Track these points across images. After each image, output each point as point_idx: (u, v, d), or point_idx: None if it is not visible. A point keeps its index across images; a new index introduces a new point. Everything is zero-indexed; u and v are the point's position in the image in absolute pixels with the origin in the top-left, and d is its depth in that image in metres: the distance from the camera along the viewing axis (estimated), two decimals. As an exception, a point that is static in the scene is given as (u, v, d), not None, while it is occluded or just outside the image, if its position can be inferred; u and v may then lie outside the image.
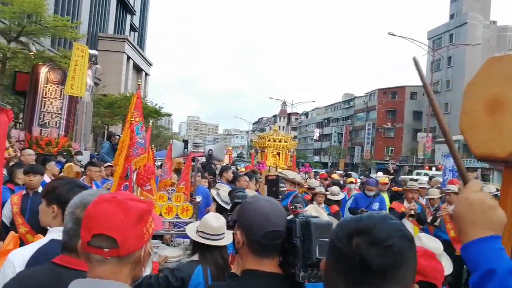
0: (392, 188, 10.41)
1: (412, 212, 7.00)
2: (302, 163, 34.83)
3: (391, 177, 15.60)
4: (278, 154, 20.99)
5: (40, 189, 4.83)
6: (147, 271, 1.81)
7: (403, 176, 24.79)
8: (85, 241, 1.27)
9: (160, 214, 4.68)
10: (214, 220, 2.95)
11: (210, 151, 7.13)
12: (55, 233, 2.09)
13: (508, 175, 1.25)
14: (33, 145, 12.00)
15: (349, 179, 11.91)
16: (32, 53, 15.60)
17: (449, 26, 51.73)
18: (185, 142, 7.33)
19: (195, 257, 2.90)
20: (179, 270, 2.73)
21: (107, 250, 1.25)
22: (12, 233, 3.97)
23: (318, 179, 12.74)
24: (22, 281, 1.61)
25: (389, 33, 33.46)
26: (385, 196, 9.11)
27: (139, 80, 4.58)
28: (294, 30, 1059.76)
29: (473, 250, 1.07)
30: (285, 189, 6.05)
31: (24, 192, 4.84)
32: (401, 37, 34.20)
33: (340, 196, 8.45)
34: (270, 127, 33.10)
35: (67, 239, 1.60)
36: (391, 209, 7.26)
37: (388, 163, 49.42)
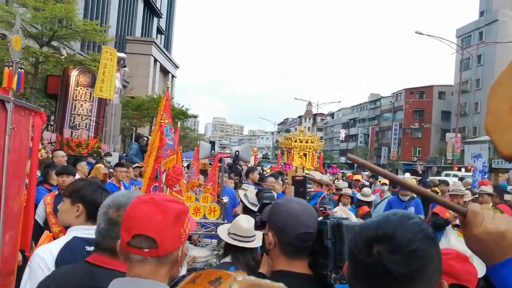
0: None
1: (458, 222, 6.75)
2: (328, 164, 34.41)
3: (419, 178, 15.36)
4: (305, 155, 20.67)
5: None
6: (183, 271, 1.85)
7: (431, 177, 24.32)
8: (125, 241, 1.30)
9: (188, 215, 4.74)
10: (246, 222, 2.97)
11: (237, 152, 7.16)
12: (78, 231, 2.18)
13: None
14: (64, 147, 12.30)
15: (383, 181, 11.35)
16: (63, 57, 16.00)
17: (479, 23, 50.46)
18: (212, 143, 7.39)
19: (228, 259, 2.93)
20: None
21: (147, 250, 1.28)
22: (46, 232, 4.08)
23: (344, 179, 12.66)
24: (58, 279, 1.66)
25: (416, 32, 32.90)
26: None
27: (168, 83, 4.65)
28: (320, 30, 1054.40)
29: (499, 275, 1.02)
30: (312, 190, 6.04)
31: (56, 192, 4.97)
32: (429, 35, 33.59)
33: (372, 198, 8.37)
34: (296, 128, 32.94)
35: (100, 239, 1.64)
36: (434, 214, 6.77)
37: (416, 164, 48.61)
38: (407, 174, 24.49)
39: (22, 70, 3.46)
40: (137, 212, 1.31)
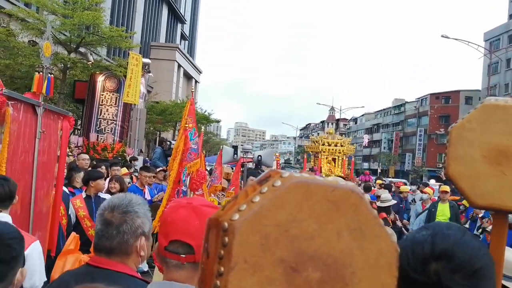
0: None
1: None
2: (362, 171, 32.99)
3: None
4: (334, 160, 19.00)
5: (100, 193, 5.05)
6: None
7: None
8: (162, 246, 1.33)
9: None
10: None
11: (259, 156, 7.20)
12: None
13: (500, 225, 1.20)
14: (90, 150, 12.56)
15: (426, 189, 10.95)
16: (90, 62, 16.34)
17: (508, 26, 49.33)
18: (235, 148, 7.45)
19: None
20: None
21: (184, 256, 1.30)
22: (73, 234, 4.16)
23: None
24: (64, 280, 1.70)
25: (442, 36, 32.36)
26: (446, 207, 8.51)
27: (192, 88, 4.72)
28: (344, 34, 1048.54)
29: None
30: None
31: (84, 195, 5.04)
32: (456, 39, 32.98)
33: (390, 203, 8.26)
34: (318, 133, 32.46)
35: (97, 240, 1.65)
36: None
37: (441, 170, 47.64)
38: (432, 181, 23.88)
39: (52, 75, 3.56)
40: (175, 217, 1.32)
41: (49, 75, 3.53)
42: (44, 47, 3.56)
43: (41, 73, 3.48)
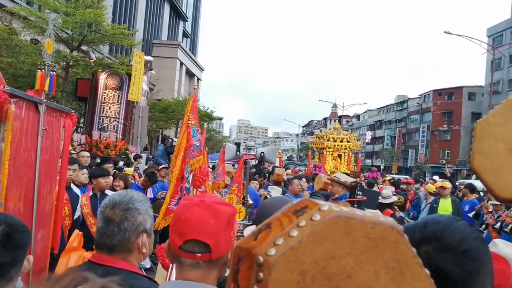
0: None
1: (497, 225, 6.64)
2: (366, 167, 32.30)
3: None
4: (340, 156, 18.17)
5: (107, 190, 5.06)
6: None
7: (461, 180, 23.73)
8: (176, 245, 1.31)
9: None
10: None
11: (262, 153, 7.19)
12: None
13: None
14: (93, 148, 12.59)
15: (427, 186, 10.85)
16: (92, 60, 16.35)
17: (511, 22, 49.15)
18: (237, 144, 7.43)
19: None
20: None
21: (199, 255, 1.28)
22: (76, 231, 4.16)
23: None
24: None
25: (445, 32, 32.21)
26: (448, 202, 8.59)
27: (195, 84, 4.72)
28: (346, 30, 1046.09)
29: None
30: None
31: (91, 193, 5.07)
32: (458, 35, 32.83)
33: (392, 199, 8.26)
34: (320, 130, 32.30)
35: (98, 237, 1.65)
36: None
37: (445, 166, 47.52)
38: (436, 177, 23.72)
39: (54, 73, 3.55)
40: (189, 216, 1.31)
41: (52, 72, 3.53)
42: (46, 45, 3.55)
43: (43, 70, 3.47)
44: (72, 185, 4.95)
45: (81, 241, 4.11)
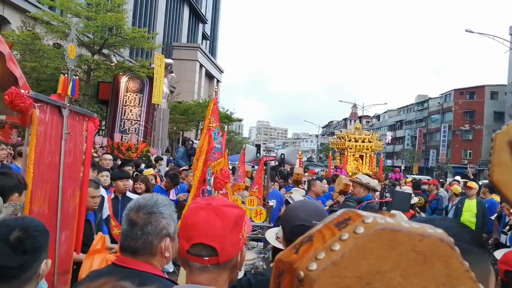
0: None
1: None
2: (387, 168, 31.65)
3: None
4: (361, 157, 17.77)
5: (128, 192, 5.11)
6: (241, 273, 1.87)
7: (483, 181, 23.22)
8: (184, 249, 1.31)
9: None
10: None
11: (282, 155, 7.17)
12: None
13: None
14: (114, 151, 12.74)
15: (453, 187, 10.55)
16: (113, 64, 16.57)
17: (535, 19, 47.93)
18: (258, 146, 7.43)
19: None
20: (261, 274, 2.77)
21: (207, 258, 1.28)
22: (100, 233, 4.14)
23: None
24: (91, 279, 1.72)
25: (466, 30, 31.62)
26: (473, 203, 8.45)
27: (216, 87, 4.71)
28: (366, 29, 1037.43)
29: None
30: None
31: (112, 195, 5.12)
32: (480, 33, 32.18)
33: (414, 200, 8.15)
34: (340, 131, 32.00)
35: (123, 240, 1.67)
36: None
37: (466, 166, 46.60)
38: (458, 177, 23.26)
39: (77, 77, 3.60)
40: (196, 219, 1.31)
41: (74, 77, 3.57)
42: (69, 49, 3.59)
43: (66, 75, 3.52)
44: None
45: (105, 243, 4.15)
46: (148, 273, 1.58)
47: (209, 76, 44.79)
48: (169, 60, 16.96)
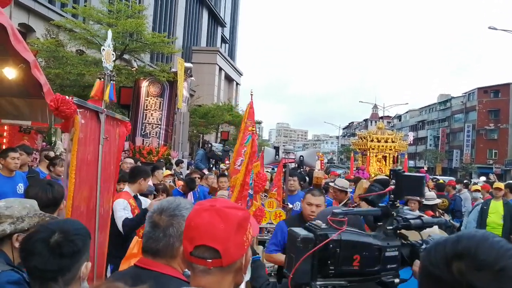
0: None
1: None
2: (416, 169, 30.83)
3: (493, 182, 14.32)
4: (384, 157, 17.29)
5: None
6: (247, 277, 1.88)
7: (510, 181, 22.61)
8: (187, 251, 1.29)
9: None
10: None
11: (301, 157, 7.18)
12: None
13: None
14: (136, 154, 12.92)
15: (474, 187, 10.54)
16: (134, 68, 16.81)
17: (561, 15, 46.69)
18: (276, 148, 7.43)
19: None
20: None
21: (210, 260, 1.26)
22: (136, 238, 4.20)
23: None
24: (115, 279, 1.77)
25: (489, 28, 30.99)
26: (499, 204, 8.17)
27: (252, 90, 4.68)
28: (386, 28, 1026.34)
29: None
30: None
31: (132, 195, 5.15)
32: (504, 30, 31.51)
33: (435, 201, 8.03)
34: (362, 132, 31.61)
35: (145, 241, 1.70)
36: None
37: (492, 166, 45.55)
38: (482, 178, 22.66)
39: (114, 82, 3.65)
40: (199, 221, 1.29)
41: (112, 82, 3.62)
42: (106, 55, 3.66)
43: (102, 79, 3.57)
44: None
45: (141, 247, 4.20)
46: (168, 275, 1.60)
47: (228, 79, 45.00)
48: (188, 64, 17.13)
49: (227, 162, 17.86)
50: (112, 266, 4.32)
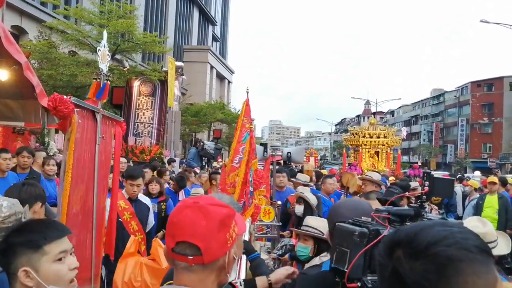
0: None
1: None
2: (409, 164, 30.71)
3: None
4: (377, 153, 16.95)
5: (140, 195, 5.06)
6: (232, 276, 1.91)
7: (505, 175, 22.77)
8: (169, 247, 1.29)
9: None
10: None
11: (289, 153, 7.22)
12: None
13: None
14: (129, 154, 13.00)
15: (470, 182, 10.52)
16: (126, 68, 16.84)
17: (551, 8, 46.99)
18: (264, 145, 7.37)
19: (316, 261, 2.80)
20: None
21: (191, 257, 1.25)
22: (132, 237, 4.24)
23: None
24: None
25: (481, 21, 31.10)
26: (494, 198, 8.20)
27: (247, 88, 4.69)
28: (377, 23, 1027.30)
29: None
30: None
31: (127, 197, 4.99)
32: (496, 23, 31.57)
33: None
34: (354, 127, 31.75)
35: None
36: None
37: (487, 161, 45.68)
38: (477, 172, 22.57)
39: (108, 82, 3.71)
40: (181, 218, 1.29)
41: (106, 81, 3.63)
42: (101, 56, 3.73)
43: (98, 80, 3.59)
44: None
45: (137, 247, 4.19)
46: None
47: (220, 77, 45.03)
48: (179, 63, 17.21)
49: (219, 160, 17.95)
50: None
